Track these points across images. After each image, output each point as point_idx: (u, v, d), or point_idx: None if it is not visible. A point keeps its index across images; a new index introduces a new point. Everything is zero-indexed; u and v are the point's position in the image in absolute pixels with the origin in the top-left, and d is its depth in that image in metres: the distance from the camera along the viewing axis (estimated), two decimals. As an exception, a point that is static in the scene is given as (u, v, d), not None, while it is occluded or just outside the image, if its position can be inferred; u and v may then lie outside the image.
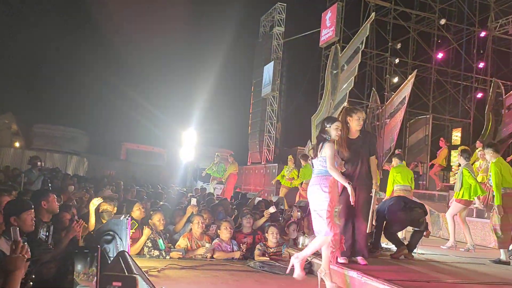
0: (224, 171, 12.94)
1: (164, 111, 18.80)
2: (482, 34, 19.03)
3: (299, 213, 6.45)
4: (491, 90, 18.01)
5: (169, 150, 19.75)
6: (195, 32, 20.78)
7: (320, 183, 3.89)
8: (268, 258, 5.05)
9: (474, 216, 8.43)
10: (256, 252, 5.18)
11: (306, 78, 19.61)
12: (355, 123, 4.49)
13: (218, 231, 5.29)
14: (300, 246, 5.54)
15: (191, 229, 5.35)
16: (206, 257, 5.09)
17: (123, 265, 2.90)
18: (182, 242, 5.22)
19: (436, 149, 14.71)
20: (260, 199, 9.74)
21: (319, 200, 3.86)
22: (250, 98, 20.55)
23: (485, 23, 19.04)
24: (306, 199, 4.64)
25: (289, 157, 12.66)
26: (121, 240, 4.01)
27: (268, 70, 18.65)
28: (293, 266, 3.94)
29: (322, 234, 3.84)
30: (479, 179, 7.90)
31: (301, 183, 11.21)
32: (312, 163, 4.15)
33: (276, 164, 16.54)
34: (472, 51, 19.13)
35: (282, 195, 11.74)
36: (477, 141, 10.05)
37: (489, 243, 7.79)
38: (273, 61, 18.46)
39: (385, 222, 5.53)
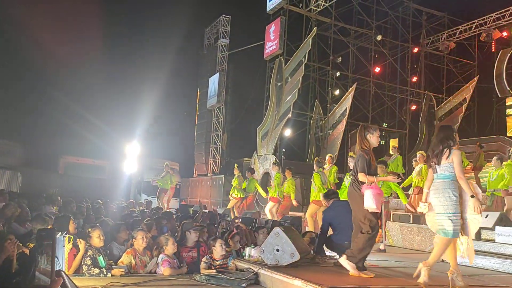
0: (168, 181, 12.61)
1: (106, 122, 18.16)
2: (415, 50, 20.28)
3: (241, 224, 6.47)
4: (424, 103, 19.19)
5: (112, 162, 19.09)
6: (138, 42, 20.40)
7: (450, 188, 4.12)
8: (214, 271, 4.99)
9: (410, 222, 8.85)
10: (202, 265, 5.11)
11: (251, 90, 19.84)
12: (375, 140, 4.70)
13: (165, 246, 5.14)
14: (246, 257, 5.53)
15: (132, 244, 5.17)
16: (155, 273, 4.94)
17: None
18: (126, 259, 5.03)
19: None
20: (206, 211, 9.65)
21: (448, 204, 4.09)
22: (196, 109, 20.42)
23: (417, 40, 20.32)
24: (252, 210, 4.66)
25: (235, 165, 12.64)
26: (57, 259, 3.80)
27: (214, 81, 18.67)
28: (419, 271, 4.18)
29: (449, 236, 4.08)
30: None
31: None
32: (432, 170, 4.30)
33: (223, 175, 16.50)
34: (407, 66, 20.32)
35: (230, 207, 11.68)
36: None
37: (425, 248, 8.21)
38: (218, 73, 18.53)
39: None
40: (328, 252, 6.19)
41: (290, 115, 15.69)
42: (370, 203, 4.32)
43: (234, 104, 20.78)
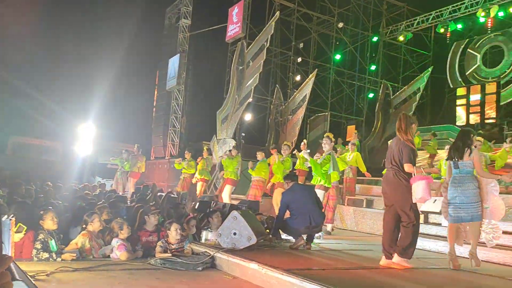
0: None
1: (59, 103, 17.36)
2: (375, 39, 20.68)
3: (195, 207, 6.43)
4: (381, 91, 19.69)
5: (65, 144, 18.37)
6: (95, 19, 19.52)
7: (472, 181, 4.72)
8: (170, 255, 4.93)
9: (364, 206, 9.13)
10: (158, 249, 5.03)
11: (212, 73, 19.59)
12: (414, 130, 4.75)
13: (120, 231, 5.01)
14: (203, 241, 5.51)
15: (85, 227, 5.01)
16: (108, 257, 4.82)
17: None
18: (80, 241, 4.86)
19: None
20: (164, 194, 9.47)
21: (472, 195, 4.69)
22: (154, 91, 19.95)
23: (377, 29, 20.72)
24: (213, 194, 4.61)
25: (204, 148, 12.49)
26: (3, 243, 3.61)
27: (174, 63, 18.26)
28: (471, 261, 4.84)
29: (479, 220, 4.73)
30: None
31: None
32: (452, 164, 4.85)
33: (181, 158, 16.26)
34: (366, 54, 20.71)
35: (200, 190, 11.55)
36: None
37: (377, 231, 8.50)
38: (178, 54, 18.11)
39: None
40: (284, 236, 6.27)
41: (250, 100, 15.65)
42: (425, 193, 4.37)
43: (194, 87, 20.46)
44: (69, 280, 3.91)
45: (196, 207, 7.11)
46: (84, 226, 5.03)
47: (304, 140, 11.21)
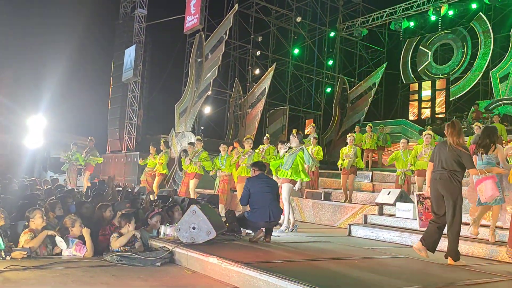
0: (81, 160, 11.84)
1: (7, 95, 16.46)
2: (332, 34, 21.03)
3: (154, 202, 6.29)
4: (338, 86, 20.10)
5: (14, 136, 17.46)
6: (46, 9, 18.56)
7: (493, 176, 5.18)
8: (127, 239, 4.79)
9: (322, 199, 9.31)
10: (113, 239, 4.85)
11: (170, 65, 19.24)
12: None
13: (71, 228, 4.80)
14: (161, 236, 5.41)
15: (27, 224, 4.77)
16: (59, 254, 4.63)
17: None
18: (23, 239, 4.63)
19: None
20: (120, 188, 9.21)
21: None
22: (110, 82, 19.34)
23: (334, 24, 21.07)
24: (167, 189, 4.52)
25: (161, 141, 12.28)
26: None
27: (130, 53, 17.73)
28: (490, 236, 5.53)
29: (501, 203, 5.34)
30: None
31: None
32: (477, 157, 5.42)
33: (138, 152, 15.93)
34: (323, 49, 21.04)
35: (156, 184, 11.36)
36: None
37: (335, 223, 8.71)
38: (135, 45, 17.60)
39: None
40: (243, 229, 6.27)
41: (209, 92, 15.52)
42: (494, 190, 5.00)
43: (152, 79, 20.02)
44: (19, 279, 3.73)
45: (153, 201, 6.98)
46: (26, 223, 4.80)
47: (267, 135, 11.28)
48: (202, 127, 17.65)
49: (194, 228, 4.96)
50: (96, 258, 4.62)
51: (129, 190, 8.60)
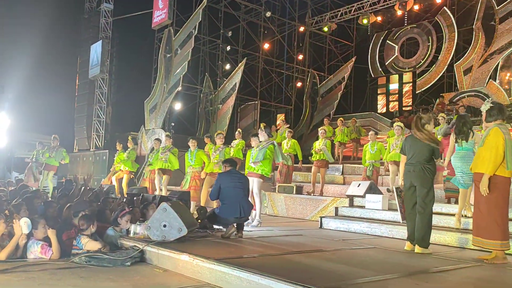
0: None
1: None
2: (301, 28, 21.14)
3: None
4: (308, 80, 20.26)
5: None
6: (8, 3, 17.83)
7: (471, 156, 5.70)
8: (100, 245, 4.68)
9: (294, 192, 9.37)
10: (84, 240, 4.73)
11: (138, 61, 18.87)
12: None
13: (34, 230, 4.62)
14: (131, 235, 5.32)
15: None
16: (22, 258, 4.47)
17: None
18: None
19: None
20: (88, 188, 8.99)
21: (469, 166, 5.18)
22: (76, 79, 18.81)
23: (303, 19, 21.19)
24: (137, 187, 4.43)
25: (129, 138, 12.07)
26: None
27: (96, 49, 17.30)
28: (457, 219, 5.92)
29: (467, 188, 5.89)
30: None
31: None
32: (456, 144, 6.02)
33: (107, 150, 15.60)
34: (293, 44, 21.14)
35: (125, 183, 11.15)
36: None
37: (306, 216, 8.79)
38: (101, 40, 17.18)
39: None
40: (215, 225, 6.25)
41: (179, 88, 15.33)
42: None
43: (120, 75, 19.58)
44: (-19, 286, 3.59)
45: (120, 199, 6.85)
46: None
47: (239, 129, 11.27)
48: (173, 124, 17.45)
49: (165, 226, 4.90)
50: (63, 260, 4.49)
51: (98, 190, 8.43)
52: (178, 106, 17.52)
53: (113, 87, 18.82)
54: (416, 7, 18.51)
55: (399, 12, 18.83)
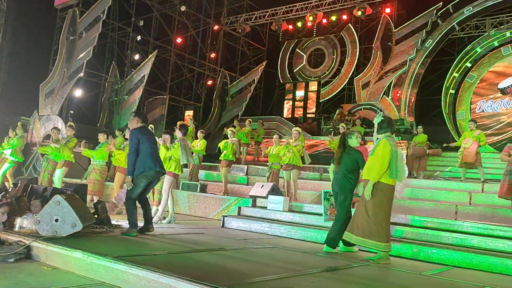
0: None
1: None
2: (216, 27, 21.12)
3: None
4: (219, 79, 20.30)
5: None
6: None
7: None
8: None
9: (198, 191, 9.30)
10: None
11: (36, 40, 17.24)
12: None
13: None
14: (17, 229, 4.83)
15: None
16: None
17: None
18: None
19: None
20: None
21: None
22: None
23: (219, 18, 21.19)
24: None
25: (18, 124, 10.94)
26: None
27: (-14, 21, 15.47)
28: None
29: None
30: None
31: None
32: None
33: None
34: (207, 41, 21.02)
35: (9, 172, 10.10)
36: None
37: (208, 215, 8.77)
38: (-7, 12, 15.42)
39: None
40: (114, 221, 5.97)
41: (82, 74, 14.33)
42: None
43: (13, 53, 17.67)
44: None
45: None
46: None
47: (151, 125, 10.80)
48: (72, 111, 16.24)
49: (57, 220, 4.53)
50: None
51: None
52: (79, 93, 16.34)
53: (4, 65, 16.97)
54: (325, 20, 19.58)
55: (309, 24, 19.74)
